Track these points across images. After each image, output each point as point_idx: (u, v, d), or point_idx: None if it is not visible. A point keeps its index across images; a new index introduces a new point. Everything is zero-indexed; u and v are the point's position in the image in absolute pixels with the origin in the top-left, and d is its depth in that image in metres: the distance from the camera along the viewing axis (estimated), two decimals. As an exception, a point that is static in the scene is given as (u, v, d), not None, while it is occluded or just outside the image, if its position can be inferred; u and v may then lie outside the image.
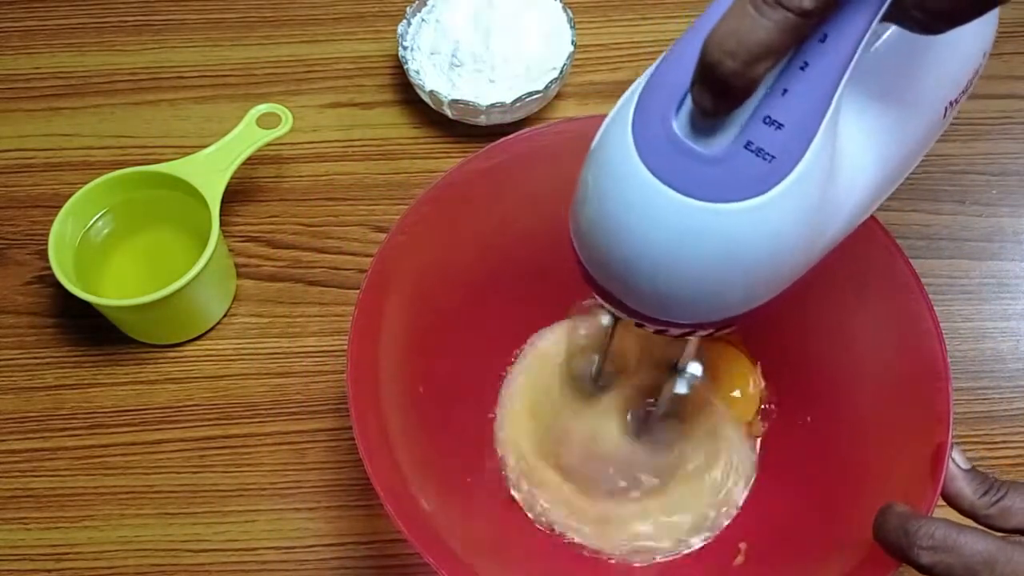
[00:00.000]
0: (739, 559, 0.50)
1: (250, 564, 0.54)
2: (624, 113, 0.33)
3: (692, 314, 0.35)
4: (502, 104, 0.64)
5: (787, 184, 0.30)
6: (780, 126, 0.30)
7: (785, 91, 0.30)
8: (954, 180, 0.65)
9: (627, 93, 0.33)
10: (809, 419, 0.53)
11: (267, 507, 0.55)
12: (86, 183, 0.58)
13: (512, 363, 0.57)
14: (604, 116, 0.35)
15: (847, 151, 0.34)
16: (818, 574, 0.45)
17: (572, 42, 0.66)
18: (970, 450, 0.56)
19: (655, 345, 0.50)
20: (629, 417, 0.53)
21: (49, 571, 0.54)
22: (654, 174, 0.31)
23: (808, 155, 0.30)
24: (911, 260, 0.46)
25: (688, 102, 0.31)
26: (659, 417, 0.52)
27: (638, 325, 0.37)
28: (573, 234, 0.36)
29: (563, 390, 0.54)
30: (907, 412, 0.46)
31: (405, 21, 0.67)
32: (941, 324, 0.60)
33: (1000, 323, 0.61)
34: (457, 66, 0.65)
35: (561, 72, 0.65)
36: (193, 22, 0.73)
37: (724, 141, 0.30)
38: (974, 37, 0.39)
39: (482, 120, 0.65)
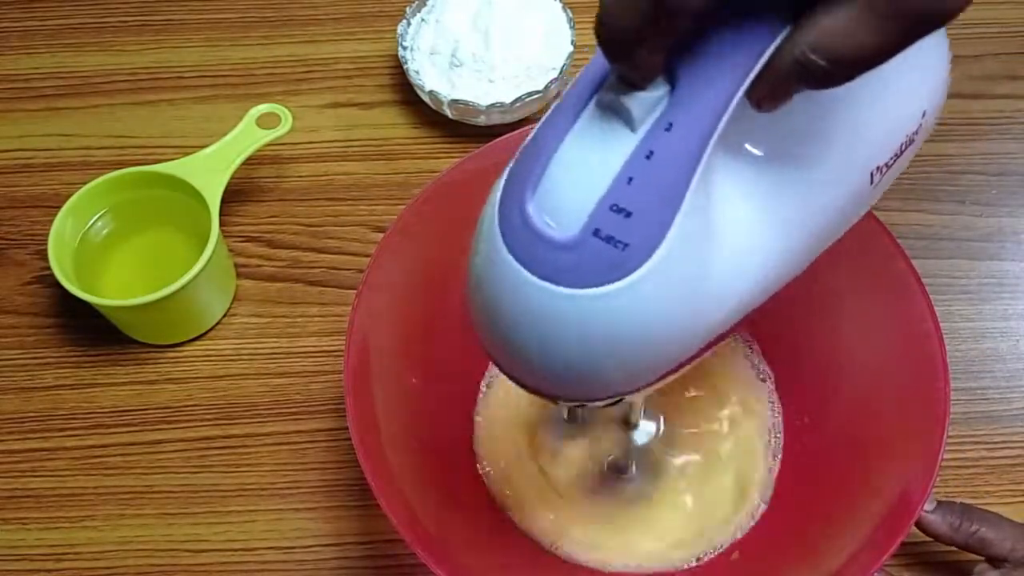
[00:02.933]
0: (735, 555, 0.51)
1: (250, 564, 0.54)
2: (494, 199, 0.32)
3: (580, 393, 0.34)
4: (502, 104, 0.64)
5: (645, 271, 0.29)
6: (628, 214, 0.28)
7: (631, 179, 0.28)
8: (953, 180, 0.65)
9: (499, 179, 0.32)
10: (807, 420, 0.53)
11: (267, 507, 0.55)
12: (86, 183, 0.58)
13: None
14: None
15: (732, 230, 0.32)
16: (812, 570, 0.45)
17: (572, 42, 0.66)
18: (970, 450, 0.56)
19: None
20: (605, 464, 0.54)
21: (49, 571, 0.54)
22: (517, 259, 0.30)
23: (667, 241, 0.29)
24: (911, 260, 0.46)
25: (542, 186, 0.30)
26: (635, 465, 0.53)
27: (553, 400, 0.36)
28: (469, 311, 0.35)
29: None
30: (904, 414, 0.46)
31: (405, 21, 0.67)
32: (941, 324, 0.60)
33: (1000, 323, 0.61)
34: (457, 66, 0.65)
35: (561, 72, 0.65)
36: (193, 22, 0.73)
37: (574, 227, 0.29)
38: (907, 93, 0.36)
39: (482, 120, 0.65)
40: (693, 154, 0.29)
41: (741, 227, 0.33)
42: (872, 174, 0.36)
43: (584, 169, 0.29)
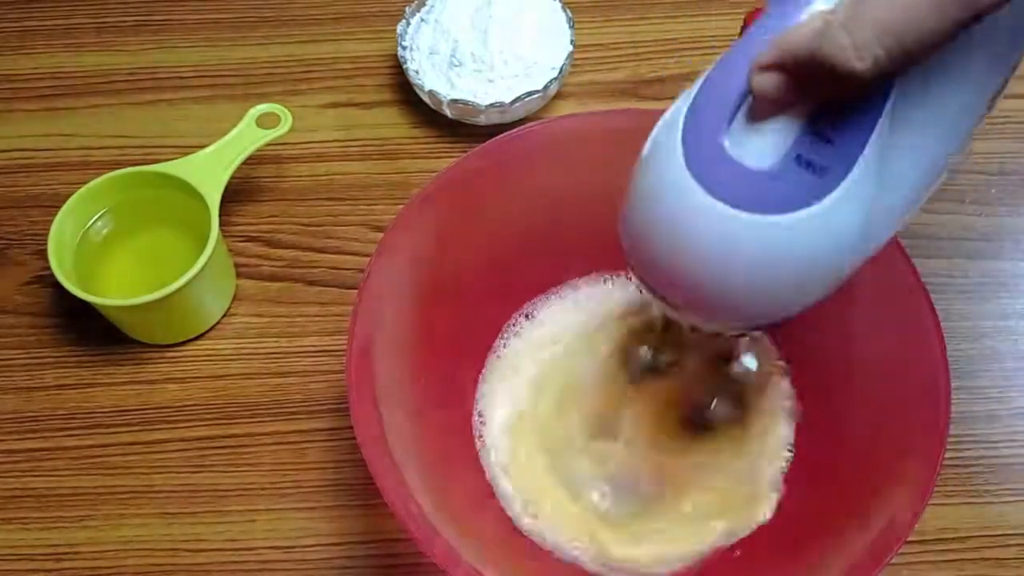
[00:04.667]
0: (736, 552, 0.51)
1: (250, 564, 0.54)
2: (675, 122, 0.33)
3: (740, 320, 0.36)
4: (501, 104, 0.64)
5: (836, 196, 0.31)
6: (829, 141, 0.31)
7: (835, 111, 0.31)
8: (953, 179, 0.65)
9: (678, 101, 0.34)
10: (819, 429, 0.53)
11: (267, 507, 0.55)
12: (85, 183, 0.58)
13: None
14: (601, 113, 0.36)
15: (893, 162, 0.34)
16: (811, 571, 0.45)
17: (571, 42, 0.66)
18: (969, 449, 0.57)
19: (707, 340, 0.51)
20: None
21: (49, 571, 0.54)
22: (704, 187, 0.32)
23: (856, 168, 0.31)
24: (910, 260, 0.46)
25: (739, 117, 0.32)
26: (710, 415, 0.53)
27: (692, 329, 0.39)
28: (622, 237, 0.37)
29: (596, 386, 0.55)
30: (904, 416, 0.46)
31: (404, 21, 0.67)
32: (940, 324, 0.60)
33: (999, 322, 0.61)
34: (456, 66, 0.65)
35: (560, 72, 0.65)
36: (192, 22, 0.73)
37: (774, 156, 0.31)
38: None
39: (481, 120, 0.65)
40: (883, 93, 0.32)
41: (898, 159, 0.34)
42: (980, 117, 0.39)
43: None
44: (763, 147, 0.31)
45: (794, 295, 0.35)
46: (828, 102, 0.31)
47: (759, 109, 0.32)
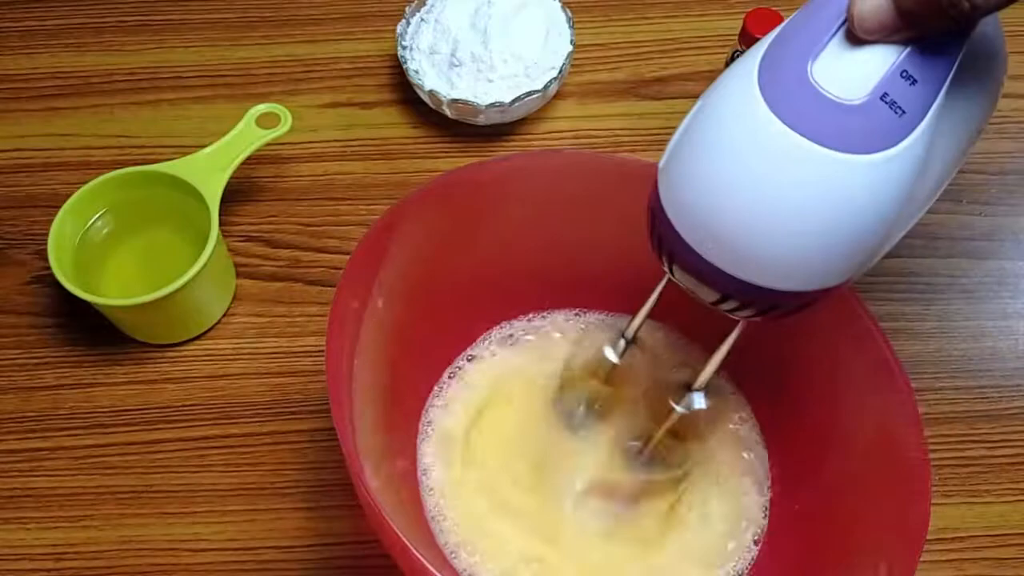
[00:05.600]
0: None
1: (250, 564, 0.54)
2: (747, 65, 0.33)
3: (794, 275, 0.35)
4: (501, 104, 0.64)
5: (912, 139, 0.32)
6: (914, 81, 0.31)
7: (922, 49, 0.32)
8: (953, 179, 0.65)
9: (752, 50, 0.34)
10: (796, 507, 0.51)
11: (267, 507, 0.55)
12: (85, 183, 0.58)
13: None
14: (582, 153, 0.36)
15: (936, 136, 0.35)
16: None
17: (571, 41, 0.66)
18: (970, 448, 0.57)
19: (653, 386, 0.50)
20: (626, 446, 0.52)
21: (49, 571, 0.54)
22: (784, 122, 0.32)
23: (930, 113, 0.32)
24: (910, 259, 0.46)
25: (827, 51, 0.32)
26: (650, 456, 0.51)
27: (713, 304, 0.37)
28: (672, 194, 0.36)
29: (543, 421, 0.53)
30: (883, 518, 0.45)
31: (404, 21, 0.67)
32: (940, 323, 0.61)
33: (999, 322, 0.61)
34: (456, 66, 0.65)
35: (560, 72, 0.65)
36: (192, 22, 0.73)
37: (862, 90, 0.31)
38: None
39: (481, 120, 0.65)
40: (961, 41, 0.33)
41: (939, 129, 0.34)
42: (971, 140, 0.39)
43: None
44: (852, 79, 0.31)
45: (857, 245, 0.34)
46: (921, 38, 0.32)
47: (853, 37, 0.32)
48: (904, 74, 0.31)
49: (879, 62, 0.31)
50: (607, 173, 0.51)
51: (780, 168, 0.32)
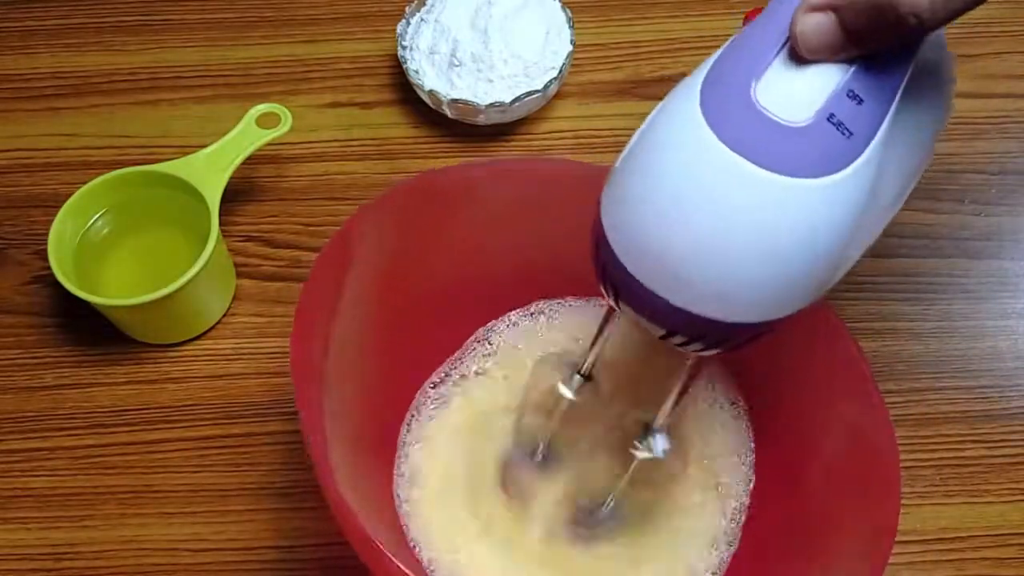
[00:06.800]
0: None
1: (250, 564, 0.54)
2: (690, 86, 0.32)
3: (741, 305, 0.33)
4: (501, 103, 0.64)
5: (861, 161, 0.31)
6: (861, 101, 0.30)
7: (868, 67, 0.31)
8: (953, 179, 0.65)
9: (695, 71, 0.33)
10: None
11: (267, 506, 0.55)
12: (86, 183, 0.58)
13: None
14: (566, 162, 0.35)
15: (887, 150, 0.34)
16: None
17: (571, 41, 0.66)
18: (970, 448, 0.57)
19: (614, 423, 0.47)
20: (576, 507, 0.49)
21: (49, 571, 0.54)
22: (728, 145, 0.30)
23: (877, 136, 0.31)
24: (910, 259, 0.46)
25: (771, 70, 0.30)
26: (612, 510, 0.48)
27: (662, 338, 0.35)
28: (613, 221, 0.34)
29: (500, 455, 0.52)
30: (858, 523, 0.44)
31: (404, 21, 0.67)
32: (940, 323, 0.61)
33: (999, 321, 0.61)
34: (456, 66, 0.65)
35: (560, 71, 0.65)
36: (193, 22, 0.73)
37: (807, 112, 0.30)
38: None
39: (481, 120, 0.65)
40: (909, 57, 0.32)
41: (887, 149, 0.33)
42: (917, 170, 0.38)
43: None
44: (796, 100, 0.30)
45: (805, 274, 0.32)
46: (866, 57, 0.31)
47: (797, 56, 0.31)
48: (851, 94, 0.30)
49: (824, 82, 0.30)
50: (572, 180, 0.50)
51: (724, 193, 0.31)
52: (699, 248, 0.31)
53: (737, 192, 0.30)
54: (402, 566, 0.36)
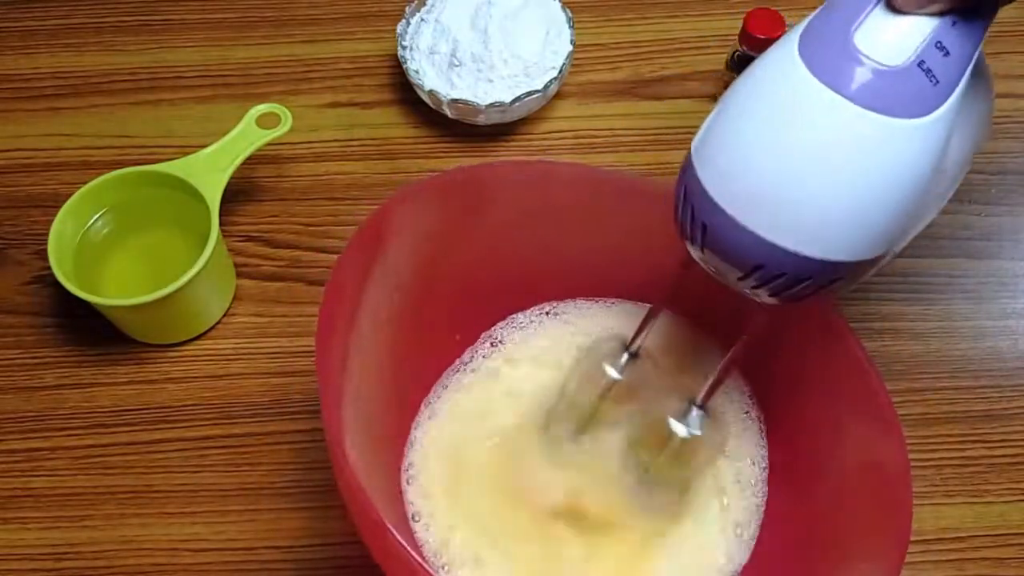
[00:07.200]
0: None
1: (250, 564, 0.54)
2: (786, 41, 0.35)
3: (828, 239, 0.35)
4: (501, 104, 0.64)
5: (945, 108, 0.34)
6: (947, 53, 0.34)
7: (955, 23, 0.34)
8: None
9: (790, 31, 0.36)
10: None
11: (267, 507, 0.55)
12: (86, 183, 0.58)
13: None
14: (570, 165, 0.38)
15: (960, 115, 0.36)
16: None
17: (571, 41, 0.66)
18: (970, 448, 0.57)
19: (652, 403, 0.49)
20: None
21: (49, 571, 0.54)
22: (826, 83, 0.33)
23: (959, 88, 0.34)
24: (911, 259, 0.46)
25: (868, 21, 0.34)
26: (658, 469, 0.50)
27: (740, 279, 0.37)
28: (710, 161, 0.37)
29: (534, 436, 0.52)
30: (869, 535, 0.45)
31: (404, 21, 0.67)
32: (941, 323, 0.61)
33: (999, 321, 0.61)
34: (456, 66, 0.65)
35: (560, 71, 0.65)
36: (193, 22, 0.73)
37: (902, 56, 0.33)
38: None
39: (481, 120, 0.65)
40: (985, 22, 0.35)
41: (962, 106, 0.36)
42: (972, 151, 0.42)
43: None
44: (892, 46, 0.33)
45: (894, 212, 0.35)
46: (954, 10, 0.34)
47: (893, 8, 0.34)
48: (939, 45, 0.34)
49: (917, 32, 0.34)
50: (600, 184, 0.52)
51: (820, 128, 0.34)
52: (793, 179, 0.34)
53: (832, 127, 0.34)
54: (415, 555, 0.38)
